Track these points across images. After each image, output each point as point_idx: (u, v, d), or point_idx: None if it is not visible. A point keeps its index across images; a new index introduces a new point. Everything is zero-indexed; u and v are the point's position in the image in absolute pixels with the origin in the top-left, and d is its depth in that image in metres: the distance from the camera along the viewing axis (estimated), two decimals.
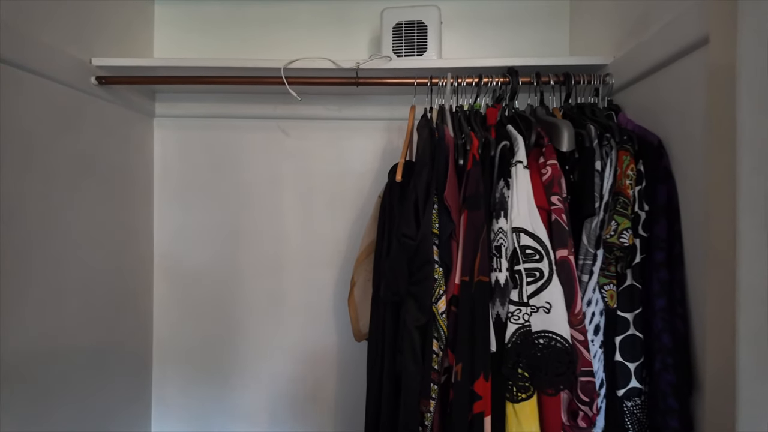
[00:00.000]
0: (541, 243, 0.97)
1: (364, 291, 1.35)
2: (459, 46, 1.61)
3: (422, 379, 0.99)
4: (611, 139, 1.03)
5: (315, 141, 1.63)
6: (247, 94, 1.60)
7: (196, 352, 1.65)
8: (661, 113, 1.06)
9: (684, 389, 0.92)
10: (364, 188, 1.63)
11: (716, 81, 0.82)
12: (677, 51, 0.96)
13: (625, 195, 0.99)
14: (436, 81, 1.24)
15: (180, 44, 1.65)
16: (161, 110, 1.64)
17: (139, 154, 1.58)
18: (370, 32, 1.62)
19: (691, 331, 0.94)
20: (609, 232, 0.98)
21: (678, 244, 0.97)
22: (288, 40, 1.64)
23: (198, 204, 1.65)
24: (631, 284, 1.01)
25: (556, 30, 1.59)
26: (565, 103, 1.24)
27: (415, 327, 1.00)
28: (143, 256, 1.61)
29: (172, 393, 1.66)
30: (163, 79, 1.35)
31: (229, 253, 1.64)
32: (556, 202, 1.00)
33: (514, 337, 0.96)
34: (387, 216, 1.19)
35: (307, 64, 1.28)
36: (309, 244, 1.63)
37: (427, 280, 1.00)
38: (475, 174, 1.01)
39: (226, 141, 1.64)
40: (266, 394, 1.64)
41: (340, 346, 1.63)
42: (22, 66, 1.08)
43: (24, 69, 1.09)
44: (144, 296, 1.62)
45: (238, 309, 1.64)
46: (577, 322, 0.97)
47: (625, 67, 1.18)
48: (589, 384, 0.96)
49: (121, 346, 1.48)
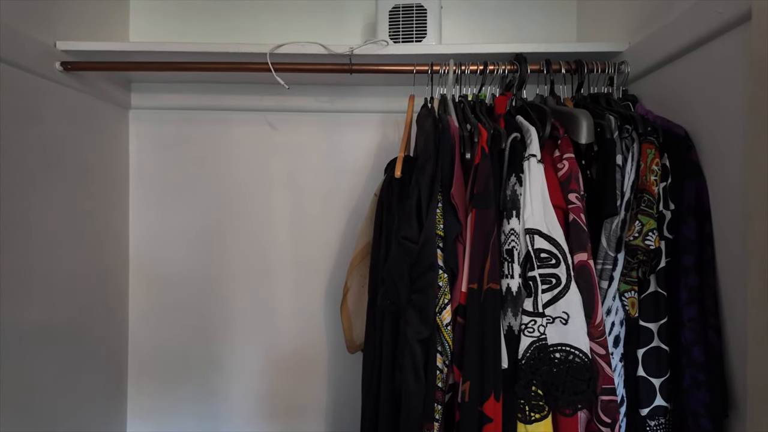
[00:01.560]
0: (558, 246, 0.87)
1: (359, 298, 1.24)
2: (460, 32, 1.50)
3: (425, 400, 0.89)
4: (633, 131, 0.94)
5: (305, 135, 1.52)
6: (231, 84, 1.48)
7: (175, 361, 1.53)
8: (685, 103, 0.96)
9: (719, 409, 0.83)
10: (357, 186, 1.51)
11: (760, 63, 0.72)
12: (708, 32, 0.87)
13: (650, 192, 0.89)
14: (437, 68, 1.13)
15: (158, 31, 1.52)
16: (137, 101, 1.51)
17: (113, 149, 1.45)
18: (365, 18, 1.51)
19: (726, 345, 0.84)
20: (632, 233, 0.88)
21: (709, 247, 0.87)
22: (276, 27, 1.52)
23: (178, 203, 1.52)
24: (655, 291, 0.91)
25: (563, 15, 1.49)
26: (576, 93, 1.15)
27: (416, 340, 0.89)
28: (118, 259, 1.48)
29: (149, 405, 1.53)
30: (136, 65, 1.22)
31: (211, 255, 1.52)
32: (574, 200, 0.90)
33: (529, 352, 0.85)
34: (385, 216, 1.08)
35: (295, 49, 1.17)
36: (298, 246, 1.52)
37: (430, 288, 0.90)
38: (485, 169, 0.91)
39: (209, 135, 1.52)
40: (251, 408, 1.53)
41: (332, 357, 1.52)
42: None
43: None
44: (119, 302, 1.49)
45: (222, 316, 1.53)
46: (597, 334, 0.87)
47: (643, 54, 1.08)
48: (611, 403, 0.86)
49: (94, 356, 1.36)
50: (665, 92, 1.03)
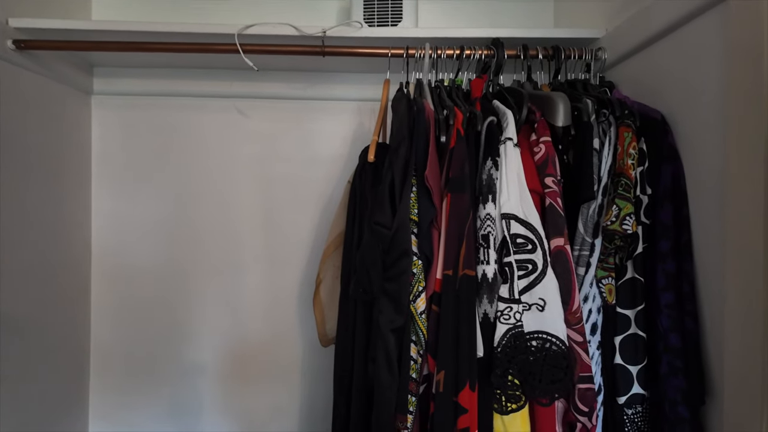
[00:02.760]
0: (535, 231, 0.85)
1: (332, 289, 1.20)
2: (436, 16, 1.47)
3: (398, 392, 0.85)
4: (610, 115, 0.92)
5: (277, 123, 1.47)
6: (199, 69, 1.42)
7: (140, 358, 1.46)
8: (661, 87, 0.95)
9: (696, 396, 0.81)
10: (332, 176, 1.47)
11: (739, 46, 0.71)
12: (685, 14, 0.86)
13: (627, 176, 0.87)
14: (413, 52, 1.10)
15: (122, 11, 1.45)
16: (100, 86, 1.44)
17: (74, 136, 1.38)
18: (338, 2, 1.46)
19: (702, 331, 0.83)
20: (609, 218, 0.87)
21: (686, 231, 0.86)
22: (248, 9, 1.46)
23: (143, 193, 1.46)
24: (632, 277, 0.90)
25: (540, 2, 1.47)
26: (554, 80, 1.13)
27: (390, 330, 0.86)
28: (79, 251, 1.41)
29: (111, 405, 1.46)
30: (95, 45, 1.15)
31: (178, 247, 1.46)
32: (551, 185, 0.87)
33: (505, 340, 0.83)
34: (358, 202, 1.04)
35: (265, 30, 1.12)
36: (270, 237, 1.47)
37: (404, 275, 0.86)
38: (460, 152, 0.88)
39: (176, 122, 1.46)
40: (220, 405, 1.47)
41: (305, 351, 1.47)
42: None
43: None
44: (80, 296, 1.42)
45: (189, 310, 1.46)
46: (574, 321, 0.85)
47: (620, 40, 1.07)
48: (588, 392, 0.84)
49: (53, 353, 1.29)
50: (642, 77, 1.02)
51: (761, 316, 0.64)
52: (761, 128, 0.67)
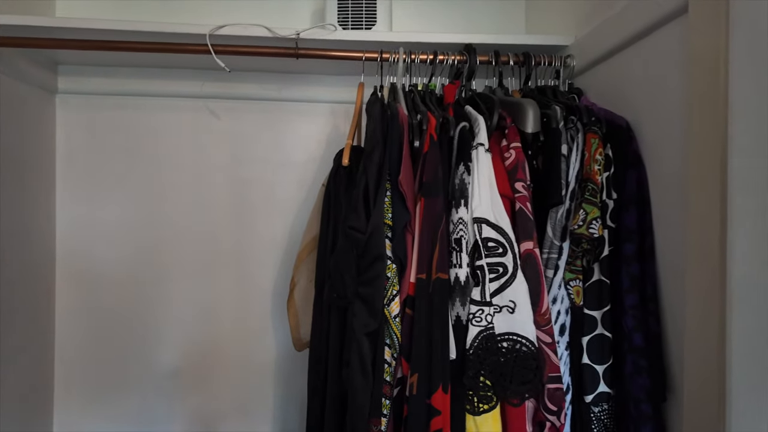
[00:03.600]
0: (505, 235, 0.86)
1: (306, 293, 1.19)
2: (411, 19, 1.48)
3: (372, 395, 0.86)
4: (578, 121, 0.95)
5: (250, 124, 1.45)
6: (170, 69, 1.39)
7: (107, 367, 1.42)
8: (627, 95, 0.98)
9: (658, 394, 0.85)
10: (306, 179, 1.46)
11: (699, 55, 0.74)
12: (649, 24, 0.89)
13: (593, 181, 0.90)
14: (387, 56, 1.11)
15: (87, 8, 1.41)
16: (65, 85, 1.39)
17: (36, 137, 1.33)
18: (313, 4, 1.46)
19: (664, 331, 0.87)
20: (577, 222, 0.89)
21: (649, 235, 0.89)
22: (222, 9, 1.44)
23: (110, 195, 1.42)
24: (598, 279, 0.92)
25: (513, 7, 1.50)
26: (524, 86, 1.15)
27: (364, 334, 0.86)
28: (42, 256, 1.36)
29: (77, 415, 1.42)
30: (58, 43, 1.12)
31: (147, 252, 1.42)
32: (521, 189, 0.89)
33: (477, 342, 0.84)
34: (332, 206, 1.04)
35: (238, 31, 1.11)
36: (243, 241, 1.45)
37: (378, 279, 0.87)
38: (433, 157, 0.89)
39: (144, 123, 1.42)
40: (192, 413, 1.44)
41: (279, 355, 1.46)
42: None
43: None
44: (44, 303, 1.37)
45: (159, 316, 1.43)
46: (543, 323, 0.87)
47: (588, 47, 1.10)
48: (557, 391, 0.86)
49: (13, 363, 1.24)
50: (608, 85, 1.05)
51: (717, 316, 0.67)
52: (718, 136, 0.69)
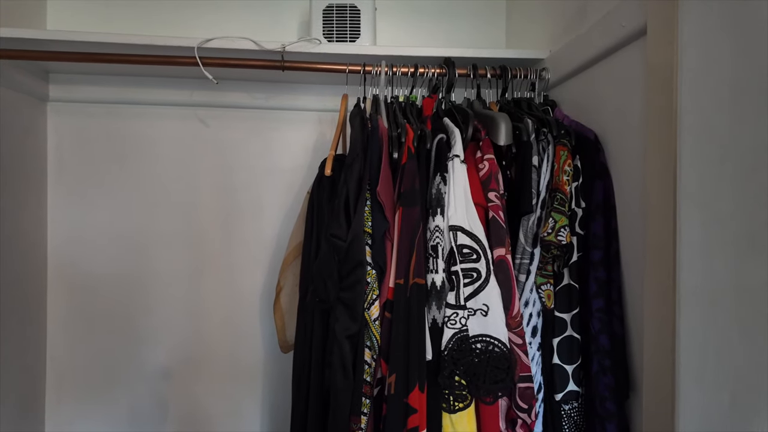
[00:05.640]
0: (479, 242, 0.91)
1: (292, 297, 1.23)
2: (394, 35, 1.53)
3: (353, 395, 0.90)
4: (548, 134, 1.00)
5: (238, 132, 1.49)
6: (159, 78, 1.42)
7: (98, 373, 1.45)
8: (596, 108, 1.04)
9: (621, 392, 0.90)
10: (293, 185, 1.50)
11: (655, 72, 0.79)
12: (614, 43, 0.94)
13: (562, 191, 0.95)
14: (369, 69, 1.15)
15: (80, 20, 1.44)
16: (56, 94, 1.42)
17: (29, 144, 1.36)
18: (300, 16, 1.50)
19: (628, 333, 0.92)
20: (546, 229, 0.94)
21: (615, 242, 0.95)
22: (208, 22, 1.48)
23: (100, 202, 1.45)
24: (568, 284, 0.97)
25: (492, 23, 1.55)
26: (501, 98, 1.20)
27: (345, 337, 0.91)
28: (34, 262, 1.39)
29: (69, 421, 1.44)
30: (49, 55, 1.15)
31: (137, 258, 1.45)
32: (494, 199, 0.94)
33: (451, 343, 0.89)
34: (315, 214, 1.08)
35: (225, 44, 1.15)
36: (231, 247, 1.49)
37: (358, 285, 0.91)
38: (411, 168, 0.94)
39: (135, 130, 1.46)
40: (183, 415, 1.48)
41: (267, 357, 1.50)
42: None
43: None
44: (35, 308, 1.39)
45: (149, 322, 1.46)
46: (515, 325, 0.92)
47: (561, 62, 1.15)
48: (527, 390, 0.91)
49: (6, 366, 1.26)
50: (579, 98, 1.11)
51: (670, 319, 0.72)
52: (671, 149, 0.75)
